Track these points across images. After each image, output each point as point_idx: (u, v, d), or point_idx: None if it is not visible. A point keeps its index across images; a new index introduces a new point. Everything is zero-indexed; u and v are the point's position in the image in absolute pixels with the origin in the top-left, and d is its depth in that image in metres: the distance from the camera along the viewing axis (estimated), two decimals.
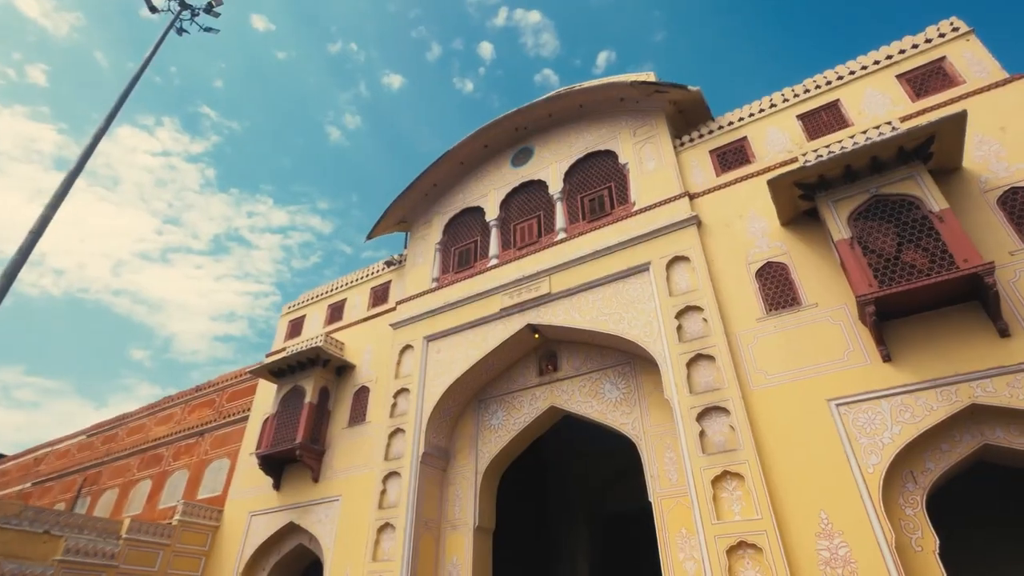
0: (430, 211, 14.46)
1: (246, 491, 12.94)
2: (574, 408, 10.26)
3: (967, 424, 6.67)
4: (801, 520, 6.77)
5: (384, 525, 10.09)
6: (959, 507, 8.94)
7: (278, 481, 12.39)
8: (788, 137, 9.84)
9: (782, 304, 8.33)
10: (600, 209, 11.39)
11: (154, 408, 18.84)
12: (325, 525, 11.06)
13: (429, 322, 12.14)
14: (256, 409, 14.49)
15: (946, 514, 8.00)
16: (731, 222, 9.48)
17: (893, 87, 9.20)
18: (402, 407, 11.39)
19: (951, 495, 8.17)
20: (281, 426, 12.50)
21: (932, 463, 6.74)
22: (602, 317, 9.84)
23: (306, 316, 15.66)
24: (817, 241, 8.52)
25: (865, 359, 7.31)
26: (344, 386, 13.04)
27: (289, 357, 12.80)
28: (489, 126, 13.69)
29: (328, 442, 12.27)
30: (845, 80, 9.75)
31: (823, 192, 8.10)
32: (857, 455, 6.81)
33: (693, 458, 7.70)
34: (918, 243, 7.13)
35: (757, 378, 7.92)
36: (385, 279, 14.51)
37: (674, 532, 8.21)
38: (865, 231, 7.57)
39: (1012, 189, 7.36)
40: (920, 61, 9.15)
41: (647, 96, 11.60)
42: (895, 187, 7.57)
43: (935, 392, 6.73)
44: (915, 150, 7.55)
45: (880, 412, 6.93)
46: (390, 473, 10.64)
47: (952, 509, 8.67)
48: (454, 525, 10.40)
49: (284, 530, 11.80)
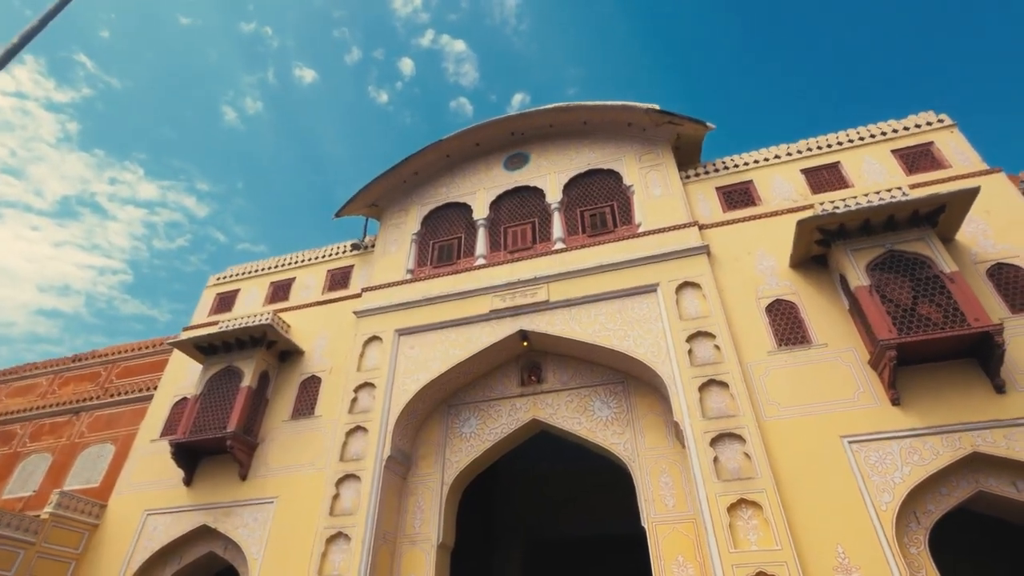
0: (407, 199, 13.49)
1: (142, 485, 10.69)
2: (560, 423, 9.73)
3: (964, 471, 7.13)
4: (818, 553, 6.76)
5: (336, 535, 8.72)
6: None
7: (191, 475, 10.38)
8: (793, 188, 10.42)
9: (792, 341, 8.57)
10: (602, 225, 11.24)
11: (7, 375, 15.31)
12: (253, 531, 9.35)
13: (403, 315, 11.07)
14: (165, 388, 12.22)
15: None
16: (740, 257, 9.73)
17: (889, 160, 10.13)
18: (364, 403, 10.13)
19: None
20: (207, 411, 10.57)
21: (932, 505, 7.10)
22: (604, 332, 9.53)
23: (240, 291, 13.70)
24: (823, 285, 8.96)
25: (875, 401, 7.64)
26: (288, 374, 11.41)
27: (227, 332, 10.99)
28: (484, 125, 13.20)
29: (263, 435, 10.56)
30: (845, 146, 10.60)
31: (841, 240, 8.56)
32: (871, 492, 7.00)
33: (708, 483, 7.50)
34: (931, 299, 7.69)
35: (770, 409, 7.99)
36: (347, 262, 13.16)
37: (670, 560, 7.89)
38: (882, 281, 8.06)
39: (998, 264, 8.27)
40: (912, 142, 10.20)
41: (656, 125, 11.81)
42: (908, 245, 8.19)
43: (940, 438, 7.16)
44: (927, 215, 8.25)
45: (891, 452, 7.22)
46: (346, 476, 9.30)
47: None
48: (413, 540, 9.26)
49: (193, 534, 9.82)
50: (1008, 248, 8.39)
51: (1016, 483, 6.93)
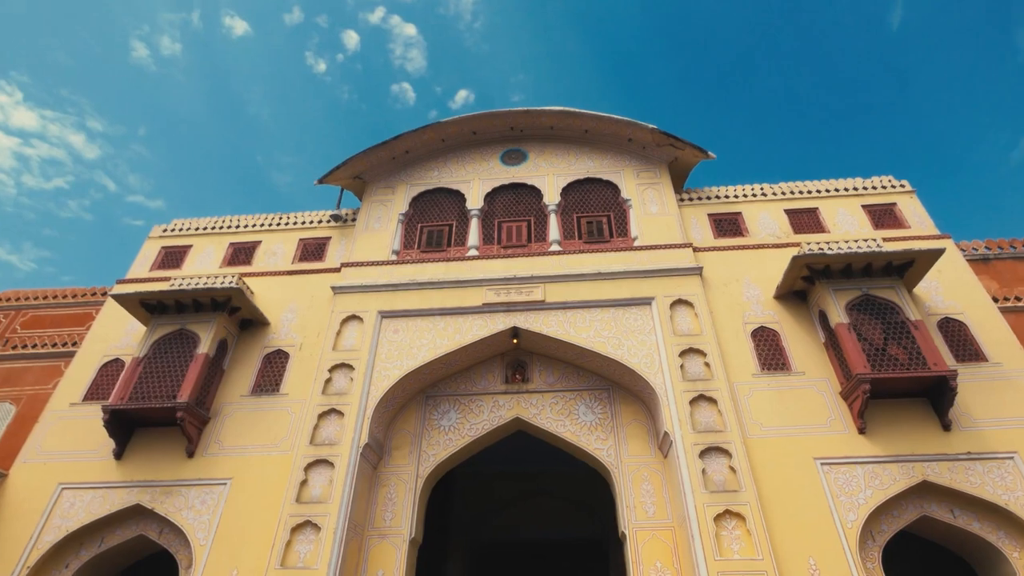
0: (395, 177, 12.92)
1: (57, 454, 9.26)
2: (544, 424, 9.72)
3: (913, 497, 8.01)
4: (793, 564, 7.29)
5: (302, 524, 8.06)
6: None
7: (122, 448, 9.15)
8: (778, 225, 11.24)
9: (774, 367, 9.21)
10: (599, 234, 11.44)
11: None
12: (200, 514, 8.41)
13: (387, 297, 10.55)
14: (91, 346, 10.69)
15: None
16: (728, 283, 10.31)
17: (859, 213, 11.24)
18: (340, 385, 9.50)
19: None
20: (151, 377, 9.38)
21: (886, 525, 7.92)
22: (599, 339, 9.68)
23: (193, 247, 12.35)
24: (802, 318, 9.73)
25: (844, 428, 8.41)
26: (249, 345, 10.43)
27: (184, 291, 9.85)
28: (483, 115, 13.02)
29: (216, 410, 9.55)
30: (823, 195, 11.63)
31: (825, 279, 9.35)
32: (839, 511, 7.68)
33: (697, 494, 7.83)
34: (899, 342, 8.61)
35: (752, 428, 8.52)
36: (323, 233, 12.32)
37: (649, 565, 8.13)
38: (859, 321, 8.90)
39: (946, 318, 9.44)
40: (879, 200, 11.39)
41: (657, 145, 12.26)
42: (881, 292, 9.12)
43: (898, 466, 8.01)
44: (897, 267, 9.25)
45: (856, 476, 7.97)
46: (316, 461, 8.65)
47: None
48: (383, 533, 8.79)
49: (122, 515, 8.64)
50: (954, 305, 9.61)
51: (953, 510, 7.91)
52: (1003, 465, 7.87)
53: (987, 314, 9.45)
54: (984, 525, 7.71)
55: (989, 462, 7.91)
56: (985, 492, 7.67)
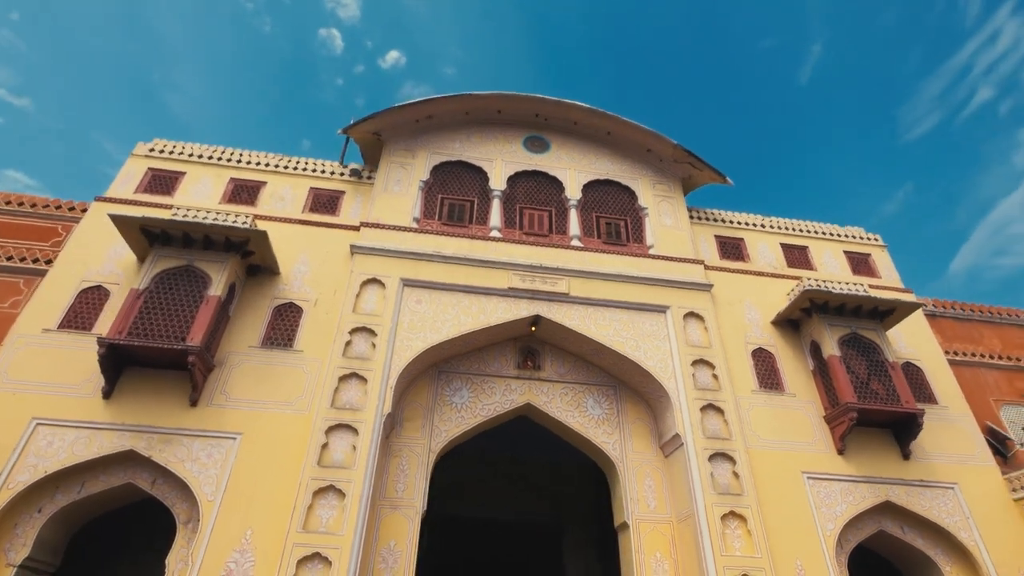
0: (416, 141, 12.49)
1: (29, 384, 8.16)
2: (554, 413, 10.03)
3: (874, 514, 9.27)
4: (783, 564, 8.23)
5: (325, 488, 7.78)
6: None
7: (112, 386, 8.26)
8: (774, 257, 12.28)
9: (770, 386, 10.17)
10: (616, 236, 11.84)
11: None
12: (206, 468, 7.84)
13: (410, 264, 10.28)
14: (66, 268, 9.43)
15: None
16: (733, 303, 11.16)
17: (841, 258, 12.57)
18: (361, 349, 9.18)
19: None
20: (155, 313, 8.50)
21: (852, 536, 9.12)
22: (619, 338, 10.13)
23: (187, 175, 11.20)
24: (794, 346, 10.78)
25: (826, 448, 9.52)
26: (256, 293, 9.74)
27: (199, 224, 8.98)
28: (511, 96, 12.91)
29: (222, 358, 8.87)
30: (813, 236, 12.85)
31: (822, 313, 10.42)
32: (820, 520, 8.74)
33: (706, 494, 8.55)
34: (879, 378, 9.85)
35: (752, 439, 9.40)
36: (336, 186, 11.67)
37: (649, 555, 8.78)
38: (848, 355, 10.05)
39: (907, 362, 10.90)
40: (857, 249, 12.79)
41: (675, 161, 12.85)
42: (866, 332, 10.35)
43: (867, 486, 9.23)
44: (881, 312, 10.52)
45: (834, 491, 9.09)
46: (338, 425, 8.35)
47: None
48: (395, 504, 8.70)
49: (110, 460, 7.84)
50: (914, 352, 11.11)
51: (903, 527, 9.28)
52: (946, 493, 9.34)
53: (938, 363, 11.05)
54: (926, 542, 9.14)
55: (936, 489, 9.35)
56: (932, 514, 9.08)
